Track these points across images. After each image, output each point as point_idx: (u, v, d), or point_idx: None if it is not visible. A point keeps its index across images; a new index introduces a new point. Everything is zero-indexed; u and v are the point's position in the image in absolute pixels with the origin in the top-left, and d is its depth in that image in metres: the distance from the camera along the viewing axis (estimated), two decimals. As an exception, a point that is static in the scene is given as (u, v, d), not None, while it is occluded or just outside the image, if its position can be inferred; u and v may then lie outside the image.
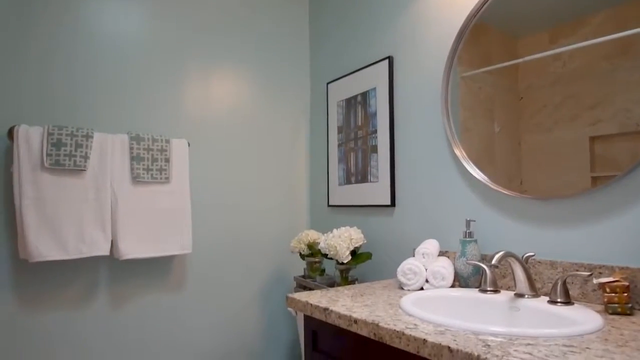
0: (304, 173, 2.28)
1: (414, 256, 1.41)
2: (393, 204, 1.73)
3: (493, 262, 1.06)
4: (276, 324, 2.14)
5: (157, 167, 1.72)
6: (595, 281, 1.01)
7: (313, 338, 1.22)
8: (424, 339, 0.83)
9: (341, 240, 1.65)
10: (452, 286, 1.33)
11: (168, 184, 1.75)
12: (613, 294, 1.00)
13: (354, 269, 1.81)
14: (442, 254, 1.48)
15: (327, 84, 2.14)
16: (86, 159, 1.56)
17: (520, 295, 1.13)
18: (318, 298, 1.22)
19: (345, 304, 1.14)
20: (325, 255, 1.74)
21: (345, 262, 1.65)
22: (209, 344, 1.93)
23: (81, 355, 1.63)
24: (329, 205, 2.10)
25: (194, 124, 1.93)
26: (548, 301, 1.07)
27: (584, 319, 0.92)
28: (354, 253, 1.70)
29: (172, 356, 1.84)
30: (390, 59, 1.75)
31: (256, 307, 2.08)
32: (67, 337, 1.61)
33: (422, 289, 1.32)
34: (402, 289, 1.35)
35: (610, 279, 1.01)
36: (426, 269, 1.34)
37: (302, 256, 1.92)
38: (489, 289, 1.21)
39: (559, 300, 1.05)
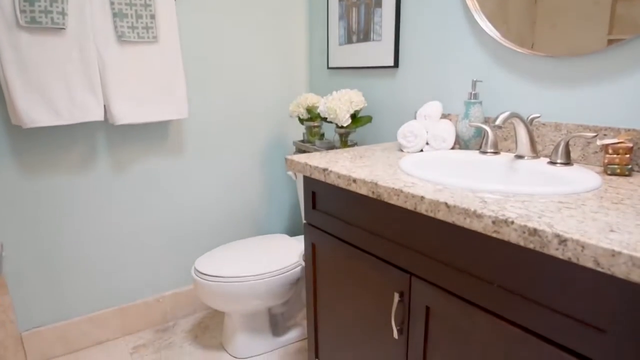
0: (302, 33, 2.12)
1: (415, 119, 1.38)
2: (396, 64, 1.63)
3: (497, 122, 1.03)
4: (277, 188, 2.21)
5: (143, 24, 1.58)
6: (598, 142, 0.99)
7: (312, 198, 1.25)
8: (422, 196, 0.84)
9: (341, 103, 1.60)
10: (452, 149, 1.32)
11: (157, 44, 1.63)
12: (615, 155, 0.98)
13: (354, 132, 1.79)
14: (444, 117, 1.45)
15: None
16: (64, 15, 1.43)
17: (520, 157, 1.12)
18: (317, 159, 1.22)
19: (345, 165, 1.14)
20: (325, 119, 1.71)
21: (344, 125, 1.63)
22: (211, 207, 2.02)
23: (86, 217, 1.71)
24: (328, 68, 2.00)
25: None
26: (548, 162, 1.07)
27: (582, 178, 0.92)
28: (354, 116, 1.67)
29: (175, 218, 1.93)
30: None
31: (257, 172, 2.12)
32: (71, 200, 1.67)
33: (422, 151, 1.32)
34: (402, 151, 1.35)
35: (614, 140, 0.99)
36: (427, 132, 1.32)
37: (301, 120, 1.89)
38: (489, 150, 1.20)
39: (558, 161, 1.05)
